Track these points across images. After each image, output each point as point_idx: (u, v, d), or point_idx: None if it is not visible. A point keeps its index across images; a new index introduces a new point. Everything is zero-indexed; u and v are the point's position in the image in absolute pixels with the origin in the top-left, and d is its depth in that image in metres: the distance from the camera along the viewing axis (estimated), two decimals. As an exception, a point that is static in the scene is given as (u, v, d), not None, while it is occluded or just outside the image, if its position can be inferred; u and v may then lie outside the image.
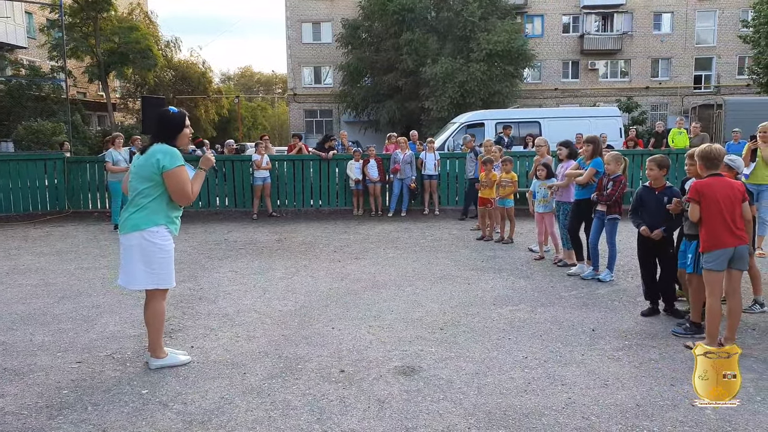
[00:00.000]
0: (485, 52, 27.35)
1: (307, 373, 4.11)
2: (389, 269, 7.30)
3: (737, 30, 33.72)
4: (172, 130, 4.13)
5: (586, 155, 6.82)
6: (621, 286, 6.37)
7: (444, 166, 12.48)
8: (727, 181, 4.26)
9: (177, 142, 4.14)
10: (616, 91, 34.69)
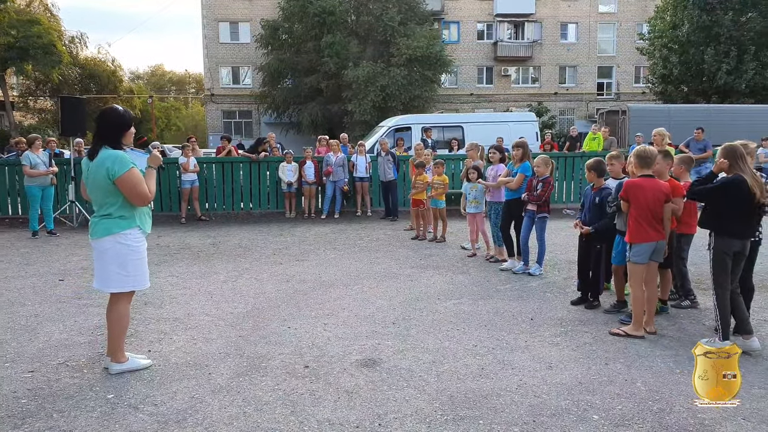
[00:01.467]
0: (405, 56, 28.04)
1: (273, 371, 4.25)
2: (333, 269, 7.49)
3: (634, 42, 36.55)
4: (119, 128, 4.11)
5: (516, 159, 7.32)
6: (550, 279, 6.92)
7: (375, 168, 12.79)
8: (655, 182, 4.81)
9: (123, 141, 4.14)
10: (528, 97, 36.54)
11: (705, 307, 5.72)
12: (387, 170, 11.91)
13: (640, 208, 4.71)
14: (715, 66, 24.21)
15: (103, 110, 4.25)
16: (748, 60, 24.03)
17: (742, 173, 4.41)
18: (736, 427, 3.39)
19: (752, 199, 4.37)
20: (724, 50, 24.13)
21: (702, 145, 13.11)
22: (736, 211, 4.44)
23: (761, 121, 16.39)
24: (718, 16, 24.06)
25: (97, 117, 4.18)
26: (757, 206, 4.42)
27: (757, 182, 4.39)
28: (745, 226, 4.49)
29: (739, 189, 4.39)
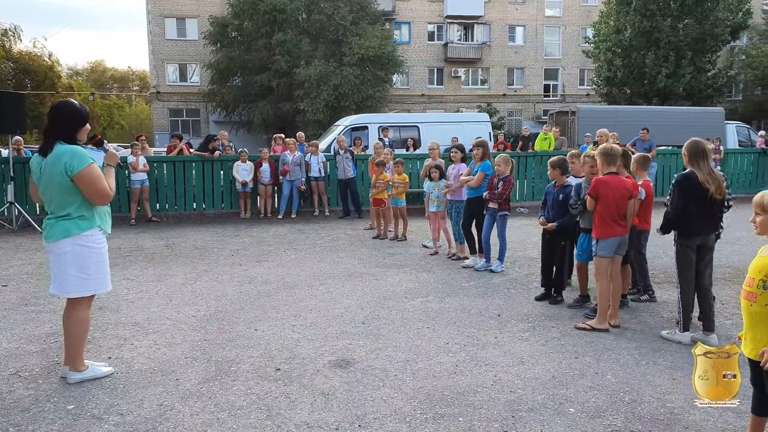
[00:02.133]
0: (357, 56, 27.97)
1: (243, 374, 4.13)
2: (296, 270, 7.36)
3: (578, 45, 37.70)
4: (75, 123, 3.89)
5: (477, 158, 7.39)
6: (512, 276, 7.01)
7: (333, 168, 12.69)
8: (620, 179, 4.94)
9: (78, 137, 3.93)
10: (477, 98, 37.08)
11: (662, 300, 5.93)
12: (346, 168, 11.84)
13: (607, 204, 4.83)
14: (655, 69, 25.24)
15: (57, 104, 4.01)
16: (685, 64, 25.16)
17: (698, 169, 4.58)
18: (704, 415, 3.51)
19: (705, 193, 4.51)
20: (664, 55, 25.19)
21: (647, 144, 13.62)
22: (693, 206, 4.60)
23: (699, 122, 17.17)
24: (657, 21, 25.09)
25: (51, 111, 3.94)
26: (714, 201, 4.56)
27: (713, 178, 4.54)
28: (703, 220, 4.62)
29: (690, 184, 4.56)
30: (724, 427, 3.36)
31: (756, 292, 2.82)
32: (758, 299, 2.81)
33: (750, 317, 2.88)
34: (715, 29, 25.13)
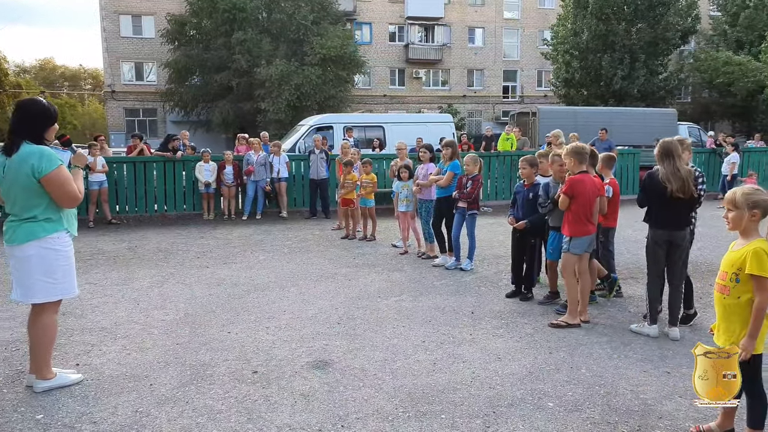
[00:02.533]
0: (319, 56, 27.83)
1: (220, 378, 4.05)
2: (265, 272, 7.27)
3: (536, 47, 38.44)
4: (44, 122, 3.75)
5: (445, 158, 7.46)
6: (482, 274, 7.10)
7: (298, 168, 12.58)
8: (591, 177, 5.06)
9: (46, 137, 3.79)
10: (438, 99, 37.39)
11: (628, 295, 6.10)
12: (320, 168, 11.76)
13: (582, 203, 4.94)
14: (611, 72, 25.97)
15: (23, 101, 3.86)
16: (639, 67, 25.98)
17: (662, 168, 4.73)
18: (675, 405, 3.63)
19: (665, 191, 4.65)
20: (619, 57, 25.94)
21: (606, 144, 13.95)
22: (654, 203, 4.77)
23: (653, 122, 17.72)
24: (612, 25, 25.82)
25: (18, 109, 3.79)
26: (678, 199, 4.68)
27: (676, 177, 4.67)
28: (666, 216, 4.76)
29: (651, 182, 4.75)
30: (696, 416, 3.48)
31: (729, 285, 2.94)
32: (731, 292, 2.93)
33: (723, 309, 2.99)
34: (667, 33, 26.02)
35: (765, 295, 2.84)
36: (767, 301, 2.85)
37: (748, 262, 2.84)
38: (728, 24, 31.07)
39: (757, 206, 2.92)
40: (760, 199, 2.93)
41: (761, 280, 2.83)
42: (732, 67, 23.92)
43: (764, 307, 2.85)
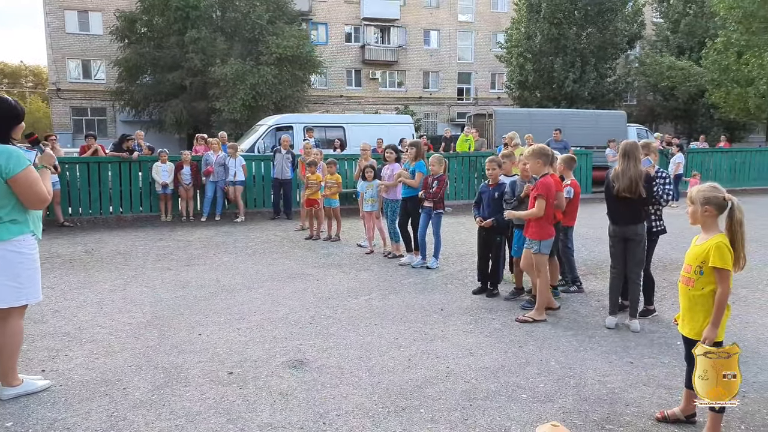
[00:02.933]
0: (275, 55, 27.57)
1: (195, 380, 4.01)
2: (231, 273, 7.19)
3: (490, 50, 39.16)
4: (9, 120, 3.64)
5: (411, 158, 7.55)
6: (448, 271, 7.22)
7: (258, 168, 12.46)
8: (556, 178, 5.23)
9: (13, 136, 3.68)
10: (395, 100, 37.62)
11: (589, 291, 6.33)
12: (285, 168, 11.66)
13: (551, 205, 5.10)
14: (563, 74, 26.72)
15: None
16: (589, 70, 26.84)
17: (618, 166, 4.97)
18: (641, 392, 3.82)
19: (613, 189, 4.91)
20: (570, 61, 26.73)
21: (561, 145, 14.37)
22: (608, 200, 5.10)
23: (604, 124, 18.33)
24: (564, 29, 26.59)
25: None
26: (627, 198, 4.90)
27: (624, 176, 4.89)
28: (614, 213, 5.06)
29: (607, 181, 5.05)
30: (660, 402, 3.67)
31: (693, 277, 3.12)
32: (695, 284, 3.11)
33: (688, 300, 3.17)
34: (615, 38, 26.98)
35: (726, 286, 3.03)
36: (728, 292, 3.04)
37: (711, 256, 3.02)
38: (670, 30, 32.44)
39: (709, 203, 3.11)
40: (712, 196, 3.13)
41: (723, 272, 3.02)
42: (675, 71, 25.01)
43: (726, 298, 3.04)
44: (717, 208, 3.11)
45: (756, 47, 19.71)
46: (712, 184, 3.23)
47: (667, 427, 3.35)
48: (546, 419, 3.42)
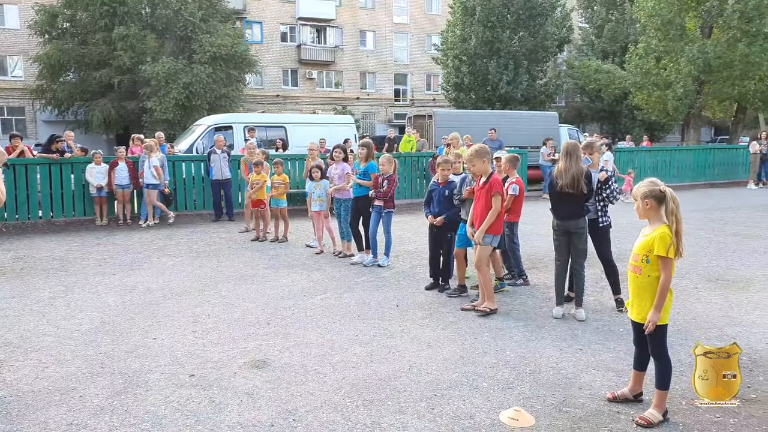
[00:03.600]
0: (209, 54, 26.94)
1: (156, 383, 3.94)
2: (178, 276, 7.03)
3: (425, 52, 39.77)
4: None
5: (362, 158, 7.64)
6: (399, 269, 7.35)
7: (198, 169, 12.18)
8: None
9: None
10: (332, 100, 37.57)
11: (534, 283, 6.61)
12: (223, 168, 11.44)
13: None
14: (497, 77, 27.51)
15: None
16: (522, 72, 27.75)
17: (560, 164, 5.27)
18: (591, 376, 4.06)
19: (556, 185, 5.23)
20: (504, 63, 27.54)
21: (496, 144, 14.81)
22: (551, 196, 5.43)
23: (538, 125, 19.05)
24: (498, 32, 27.38)
25: None
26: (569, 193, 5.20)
27: (566, 174, 5.19)
28: (557, 208, 5.36)
29: (550, 177, 5.42)
30: (609, 384, 3.91)
31: (641, 266, 3.36)
32: (643, 272, 3.35)
33: (636, 287, 3.41)
34: (546, 42, 28.03)
35: (668, 273, 3.29)
36: (669, 278, 3.30)
37: (655, 246, 3.27)
38: (595, 35, 34.04)
39: (648, 196, 3.38)
40: (649, 190, 3.39)
41: (665, 260, 3.27)
42: (602, 74, 26.27)
43: (668, 284, 3.30)
44: (657, 201, 3.36)
45: (673, 53, 21.03)
46: (651, 179, 3.49)
47: (618, 407, 3.59)
48: (508, 405, 3.58)
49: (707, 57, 19.53)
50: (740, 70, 19.55)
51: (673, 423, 3.35)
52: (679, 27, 20.79)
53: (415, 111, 38.86)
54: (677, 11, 20.47)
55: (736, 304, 5.65)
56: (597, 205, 5.50)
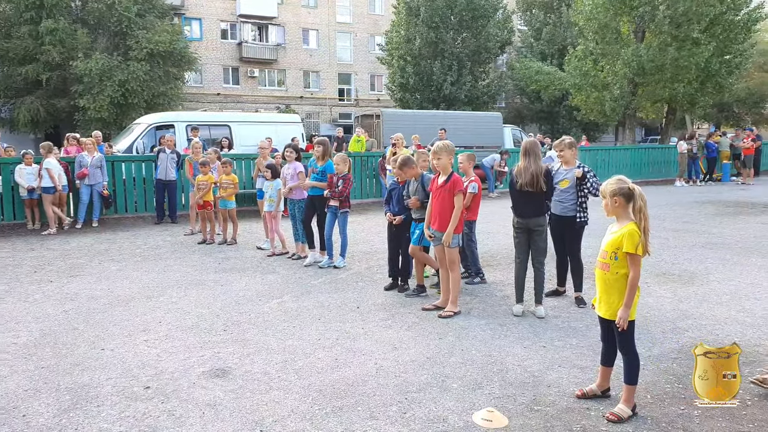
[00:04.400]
0: (146, 51, 25.95)
1: (108, 398, 3.68)
2: (124, 282, 6.66)
3: (369, 51, 39.76)
4: None
5: (318, 156, 7.48)
6: (355, 270, 7.23)
7: (139, 169, 11.65)
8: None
9: None
10: (275, 99, 36.97)
11: (491, 281, 6.64)
12: (170, 169, 10.97)
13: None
14: (441, 77, 27.78)
15: None
16: (466, 73, 28.14)
17: (520, 163, 5.32)
18: (558, 374, 4.07)
19: (516, 184, 5.30)
20: (448, 64, 27.85)
21: (446, 145, 14.94)
22: (512, 194, 5.49)
23: (482, 125, 19.33)
24: (441, 33, 27.66)
25: None
26: (528, 191, 5.26)
27: (526, 172, 5.25)
28: (517, 206, 5.41)
29: (511, 177, 5.47)
30: (576, 381, 3.94)
31: (609, 262, 3.39)
32: (611, 269, 3.38)
33: (604, 284, 3.44)
34: (488, 43, 28.52)
35: (637, 270, 3.33)
36: (639, 275, 3.34)
37: (624, 243, 3.30)
38: (533, 38, 34.98)
39: (615, 194, 3.42)
40: (618, 188, 3.43)
41: (634, 257, 3.31)
42: (543, 76, 26.94)
43: (636, 281, 3.34)
44: (625, 198, 3.41)
45: (609, 55, 21.80)
46: (619, 177, 3.53)
47: (587, 403, 3.61)
48: (480, 406, 3.55)
49: (641, 60, 20.33)
50: (671, 73, 20.46)
51: (641, 417, 3.40)
52: (614, 31, 21.56)
53: (359, 111, 38.93)
54: (613, 15, 21.22)
55: (684, 298, 5.86)
56: (578, 200, 5.58)
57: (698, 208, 12.45)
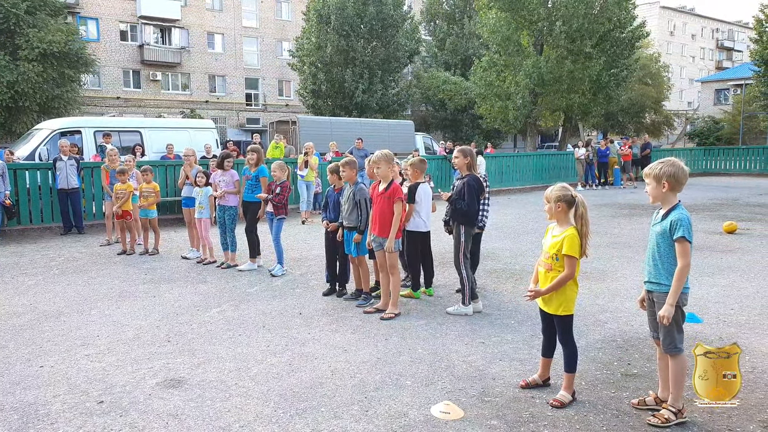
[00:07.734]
0: (38, 51, 24.24)
1: (62, 415, 3.57)
2: (47, 297, 6.32)
3: (276, 57, 39.41)
4: None
5: (251, 163, 7.47)
6: (290, 276, 7.28)
7: (45, 177, 10.95)
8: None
9: None
10: (180, 103, 35.69)
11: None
12: (70, 176, 10.37)
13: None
14: (353, 85, 28.12)
15: None
16: (377, 82, 28.67)
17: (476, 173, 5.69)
18: (500, 367, 4.40)
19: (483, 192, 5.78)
20: (359, 72, 28.26)
21: (363, 153, 15.22)
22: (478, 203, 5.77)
23: (395, 132, 19.94)
24: (352, 42, 28.02)
25: None
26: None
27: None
28: (480, 213, 5.86)
29: (479, 185, 5.69)
30: (518, 372, 4.29)
31: (551, 263, 3.75)
32: (553, 268, 3.75)
33: (546, 282, 3.79)
34: (397, 52, 29.25)
35: (571, 270, 3.70)
36: (570, 275, 3.71)
37: (565, 245, 3.67)
38: (437, 48, 36.27)
39: (559, 200, 3.79)
40: (562, 194, 3.81)
41: (571, 259, 3.69)
42: (450, 85, 28.00)
43: (566, 279, 3.69)
44: (567, 204, 3.78)
45: (512, 67, 23.15)
46: (562, 184, 3.89)
47: (531, 392, 3.95)
48: (436, 400, 3.79)
49: (541, 72, 21.76)
50: (567, 85, 22.07)
51: (580, 401, 3.78)
52: (516, 43, 22.92)
53: (267, 116, 38.47)
54: (515, 29, 22.56)
55: (599, 294, 6.45)
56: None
57: (597, 211, 13.53)
